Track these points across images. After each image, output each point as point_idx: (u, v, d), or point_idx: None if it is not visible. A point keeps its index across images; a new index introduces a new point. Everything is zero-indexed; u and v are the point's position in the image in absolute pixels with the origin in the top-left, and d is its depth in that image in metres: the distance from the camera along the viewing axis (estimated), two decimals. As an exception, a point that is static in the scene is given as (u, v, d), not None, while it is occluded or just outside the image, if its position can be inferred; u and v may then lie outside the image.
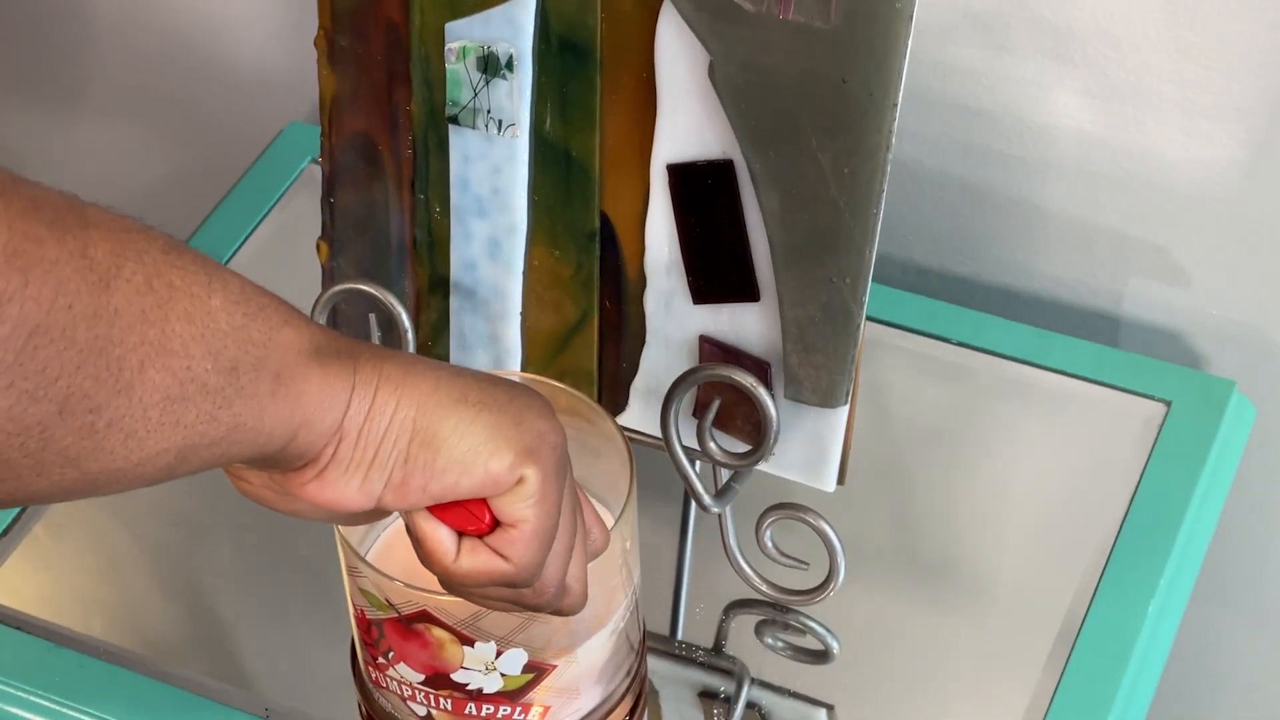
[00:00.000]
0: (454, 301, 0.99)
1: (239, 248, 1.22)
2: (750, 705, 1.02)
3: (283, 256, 1.22)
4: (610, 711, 0.94)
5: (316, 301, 0.97)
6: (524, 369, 0.99)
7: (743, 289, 0.92)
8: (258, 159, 1.28)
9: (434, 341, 1.00)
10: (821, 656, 1.03)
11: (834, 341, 0.91)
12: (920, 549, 1.07)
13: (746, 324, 0.93)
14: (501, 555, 0.76)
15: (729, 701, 1.01)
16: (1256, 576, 1.28)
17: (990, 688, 1.01)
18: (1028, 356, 1.14)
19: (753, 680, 1.02)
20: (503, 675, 0.89)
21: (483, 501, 0.76)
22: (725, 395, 0.94)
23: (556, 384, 0.93)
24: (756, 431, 0.94)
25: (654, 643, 1.03)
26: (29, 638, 1.02)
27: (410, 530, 0.78)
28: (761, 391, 0.91)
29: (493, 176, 0.95)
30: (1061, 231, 1.18)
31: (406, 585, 0.85)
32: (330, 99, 0.96)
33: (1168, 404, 1.11)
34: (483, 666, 0.88)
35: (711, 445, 0.94)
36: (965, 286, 1.23)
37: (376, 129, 0.96)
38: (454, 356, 1.00)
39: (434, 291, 0.99)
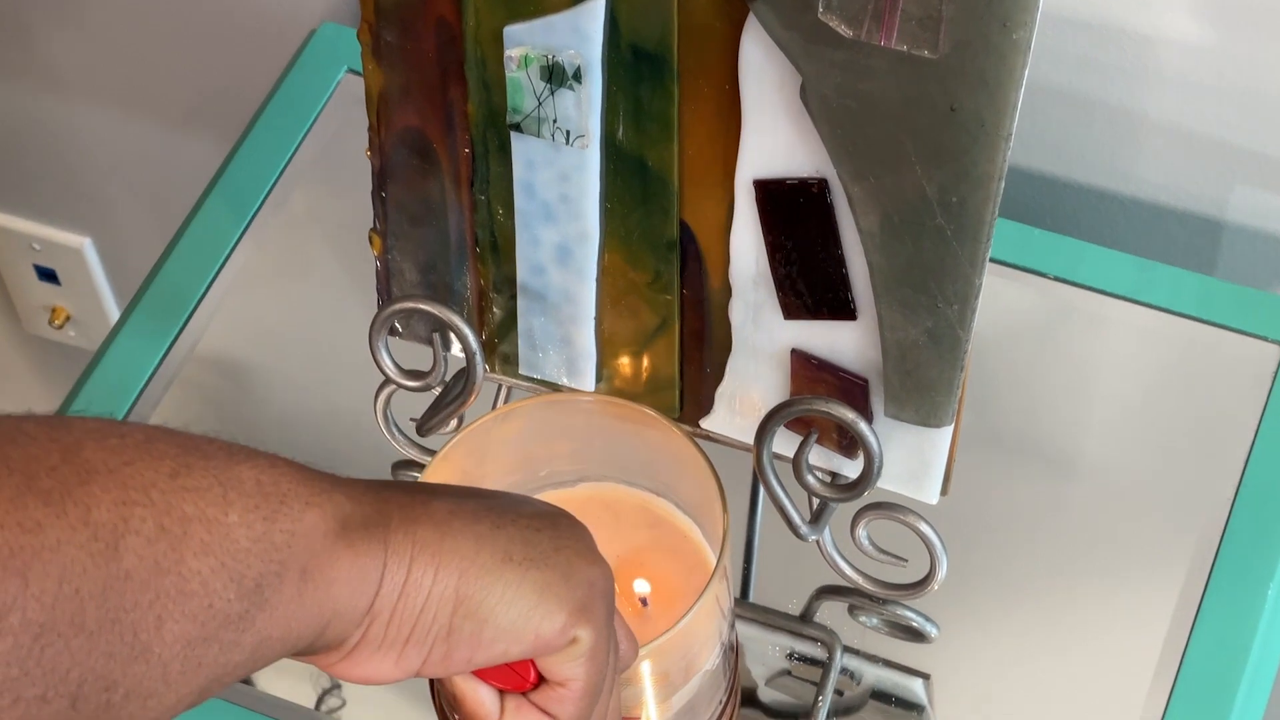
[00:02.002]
0: (522, 303, 0.91)
1: (280, 173, 1.14)
2: (842, 671, 0.97)
3: (328, 181, 1.15)
4: (705, 730, 0.90)
5: (375, 319, 0.90)
6: (599, 372, 0.93)
7: (838, 308, 0.85)
8: (289, 67, 1.18)
9: (500, 340, 0.93)
10: (917, 636, 0.98)
11: (938, 365, 0.84)
12: (1016, 516, 1.01)
13: (842, 341, 0.86)
14: (548, 714, 0.71)
15: (820, 666, 0.97)
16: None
17: (1098, 661, 0.96)
18: (1126, 291, 1.06)
19: (844, 648, 0.98)
20: (597, 729, 0.84)
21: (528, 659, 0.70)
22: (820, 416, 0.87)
23: (634, 405, 0.87)
24: (853, 446, 0.88)
25: (741, 610, 0.98)
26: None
27: (445, 688, 0.72)
28: (864, 427, 0.84)
29: (560, 184, 0.87)
30: (1163, 138, 1.10)
31: None
32: (378, 94, 0.88)
33: (1281, 345, 1.04)
34: (576, 723, 0.84)
35: (810, 479, 0.87)
36: (1057, 188, 1.15)
37: (430, 126, 0.88)
38: (523, 356, 0.93)
39: (499, 290, 0.91)
